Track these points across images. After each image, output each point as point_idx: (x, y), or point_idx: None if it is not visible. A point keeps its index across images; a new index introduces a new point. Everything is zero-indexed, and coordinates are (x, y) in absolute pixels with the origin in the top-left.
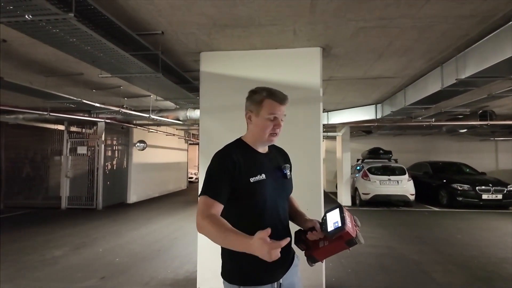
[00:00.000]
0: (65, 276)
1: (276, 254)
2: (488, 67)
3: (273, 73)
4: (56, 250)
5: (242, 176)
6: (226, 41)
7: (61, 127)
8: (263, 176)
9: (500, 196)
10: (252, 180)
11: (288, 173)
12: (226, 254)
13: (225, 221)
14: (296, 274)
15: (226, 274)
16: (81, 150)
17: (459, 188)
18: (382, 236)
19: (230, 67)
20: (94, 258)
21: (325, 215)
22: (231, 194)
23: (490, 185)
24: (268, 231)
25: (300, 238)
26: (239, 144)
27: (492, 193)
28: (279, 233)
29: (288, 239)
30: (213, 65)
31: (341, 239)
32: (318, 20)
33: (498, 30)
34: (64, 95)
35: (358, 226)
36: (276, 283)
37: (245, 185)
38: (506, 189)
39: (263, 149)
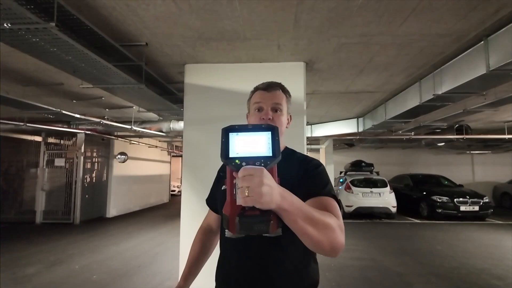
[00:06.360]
0: None
1: None
2: (462, 84)
3: None
4: (29, 267)
5: None
6: (211, 53)
7: (38, 138)
8: None
9: (477, 208)
10: None
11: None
12: None
13: (197, 246)
14: None
15: None
16: (59, 162)
17: (439, 200)
18: (366, 249)
19: (215, 79)
20: (70, 275)
21: None
22: None
23: (467, 197)
24: None
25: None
26: None
27: (470, 205)
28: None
29: None
30: (197, 77)
31: None
32: (302, 35)
33: (471, 49)
34: (42, 105)
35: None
36: None
37: None
38: (482, 201)
39: None
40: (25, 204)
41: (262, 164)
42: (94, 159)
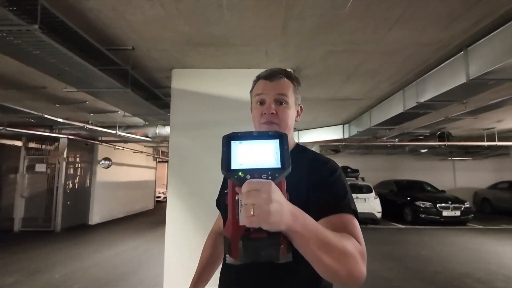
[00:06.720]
0: None
1: None
2: (444, 92)
3: (245, 92)
4: (8, 277)
5: None
6: (199, 59)
7: (18, 143)
8: None
9: (458, 213)
10: None
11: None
12: None
13: (208, 251)
14: None
15: None
16: (40, 167)
17: (422, 205)
18: None
19: (203, 85)
20: (50, 285)
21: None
22: None
23: (449, 202)
24: None
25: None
26: None
27: (451, 210)
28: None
29: None
30: (185, 82)
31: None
32: (290, 42)
33: (453, 58)
34: (23, 109)
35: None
36: None
37: None
38: (463, 206)
39: None
40: (4, 212)
41: (270, 177)
42: (77, 164)
